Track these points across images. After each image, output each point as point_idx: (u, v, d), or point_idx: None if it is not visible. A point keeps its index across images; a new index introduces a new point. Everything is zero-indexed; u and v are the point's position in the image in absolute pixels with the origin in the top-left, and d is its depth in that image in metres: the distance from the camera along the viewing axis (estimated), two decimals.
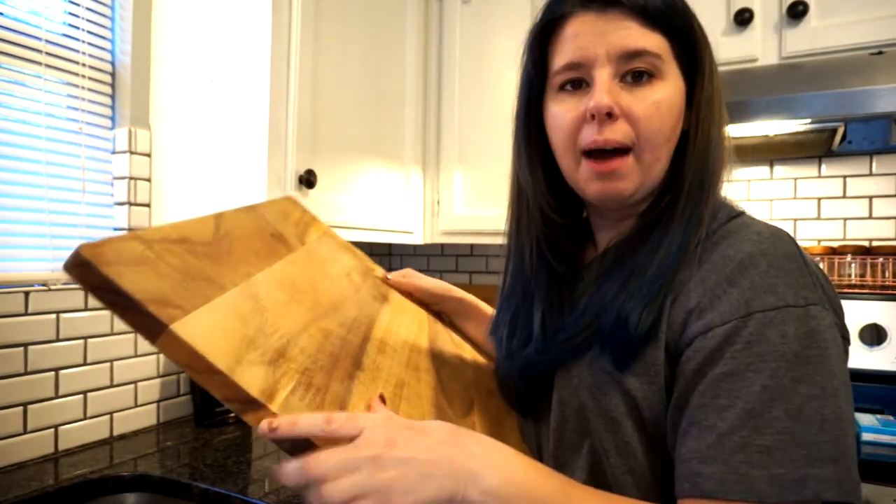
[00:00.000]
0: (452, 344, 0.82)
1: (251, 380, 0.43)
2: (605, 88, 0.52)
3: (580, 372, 0.55)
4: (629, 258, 0.54)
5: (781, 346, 0.44)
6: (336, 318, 0.61)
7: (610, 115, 0.52)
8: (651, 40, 0.52)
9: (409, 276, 0.85)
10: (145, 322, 0.40)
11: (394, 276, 0.85)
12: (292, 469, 0.42)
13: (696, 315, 0.47)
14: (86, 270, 0.40)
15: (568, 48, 0.54)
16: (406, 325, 0.75)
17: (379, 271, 0.87)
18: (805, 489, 0.41)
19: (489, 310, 0.84)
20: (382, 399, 0.51)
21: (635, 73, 0.52)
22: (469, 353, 0.83)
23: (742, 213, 0.54)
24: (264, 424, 0.41)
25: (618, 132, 0.52)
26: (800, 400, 0.43)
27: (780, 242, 0.48)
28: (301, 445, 0.43)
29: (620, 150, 0.53)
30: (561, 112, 0.55)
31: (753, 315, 0.45)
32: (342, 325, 0.61)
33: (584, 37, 0.53)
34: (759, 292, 0.45)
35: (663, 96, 0.52)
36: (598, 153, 0.53)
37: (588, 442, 0.54)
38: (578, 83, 0.54)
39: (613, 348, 0.51)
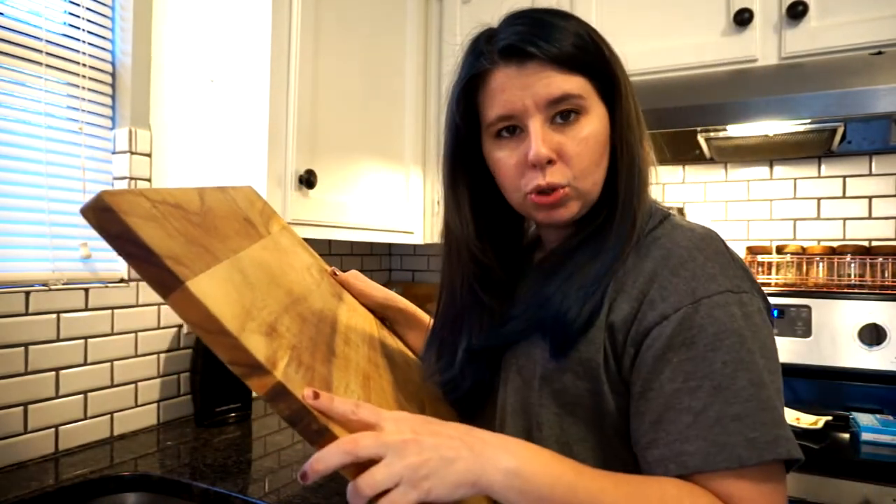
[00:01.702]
0: (398, 348, 0.82)
1: (256, 346, 0.43)
2: (539, 138, 0.57)
3: (520, 361, 0.62)
4: (569, 261, 0.60)
5: (731, 324, 0.50)
6: (307, 306, 0.62)
7: (550, 162, 0.58)
8: (570, 83, 0.57)
9: (357, 278, 0.88)
10: (160, 276, 0.40)
11: (342, 275, 0.88)
12: (330, 453, 0.43)
13: (649, 306, 0.53)
14: (107, 217, 0.40)
15: (497, 102, 0.59)
16: (360, 325, 0.76)
17: (331, 269, 0.88)
18: (778, 448, 0.47)
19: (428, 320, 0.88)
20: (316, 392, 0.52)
21: (563, 113, 0.58)
22: (413, 359, 0.83)
23: (670, 215, 0.62)
24: (309, 392, 0.43)
25: (557, 174, 0.58)
26: (758, 369, 0.49)
27: (710, 240, 0.55)
28: (299, 418, 0.44)
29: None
30: (504, 157, 0.61)
31: (701, 301, 0.51)
32: (313, 313, 0.62)
33: (510, 91, 0.58)
34: (701, 281, 0.52)
35: (591, 131, 0.58)
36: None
37: (523, 419, 0.61)
38: (513, 129, 0.60)
39: (553, 339, 0.57)
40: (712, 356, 0.49)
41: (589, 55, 0.58)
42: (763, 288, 0.57)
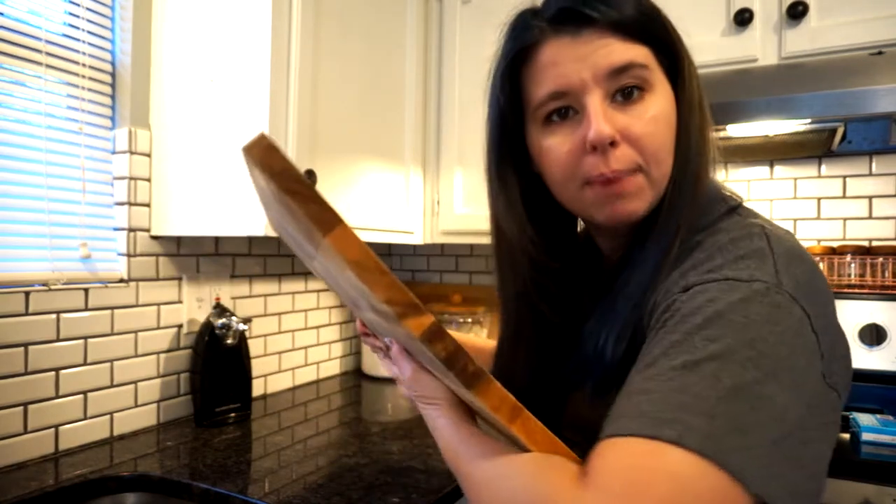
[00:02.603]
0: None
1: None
2: (600, 116, 0.49)
3: (577, 401, 0.57)
4: (616, 281, 0.53)
5: (705, 308, 0.42)
6: None
7: (613, 144, 0.49)
8: (634, 52, 0.49)
9: None
10: (322, 214, 0.40)
11: None
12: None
13: (662, 303, 0.46)
14: (272, 154, 0.40)
15: (548, 77, 0.51)
16: None
17: None
18: (662, 428, 0.38)
19: (483, 343, 0.88)
20: None
21: (625, 90, 0.50)
22: None
23: (735, 207, 0.52)
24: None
25: (623, 160, 0.49)
26: (698, 355, 0.41)
27: (747, 238, 0.47)
28: (457, 359, 0.43)
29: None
30: (555, 145, 0.52)
31: (692, 287, 0.44)
32: None
33: (563, 64, 0.50)
34: (708, 270, 0.45)
35: (659, 109, 0.50)
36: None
37: (580, 451, 0.55)
38: (565, 112, 0.51)
39: (594, 379, 0.51)
40: (665, 337, 0.43)
41: (654, 23, 0.51)
42: None
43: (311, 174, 1.23)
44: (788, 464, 0.39)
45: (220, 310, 1.36)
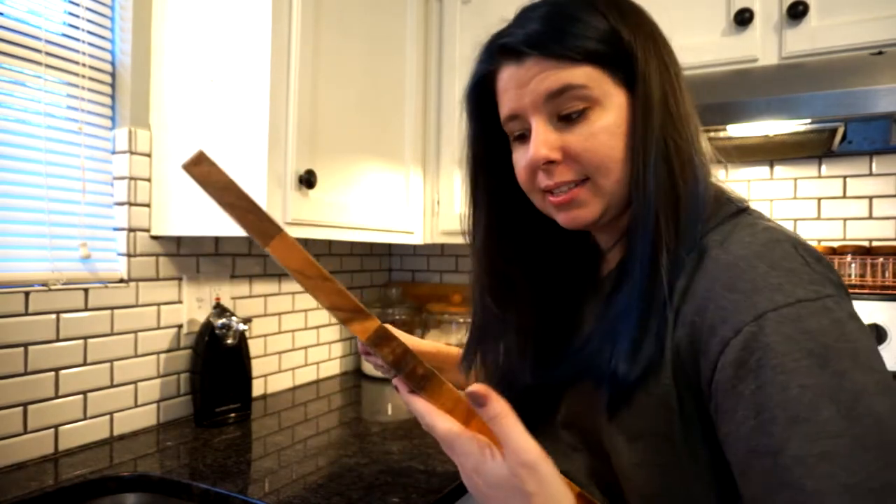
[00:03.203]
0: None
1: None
2: (539, 139, 0.53)
3: (579, 397, 0.57)
4: (616, 292, 0.53)
5: (807, 340, 0.40)
6: None
7: (551, 162, 0.53)
8: (572, 74, 0.52)
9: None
10: (261, 225, 0.43)
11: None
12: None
13: (710, 333, 0.44)
14: (212, 170, 0.44)
15: (504, 101, 0.56)
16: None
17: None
18: (887, 498, 0.35)
19: (447, 350, 0.93)
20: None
21: (568, 109, 0.53)
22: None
23: (740, 212, 0.52)
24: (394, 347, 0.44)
25: (566, 173, 0.54)
26: (851, 393, 0.38)
27: (774, 244, 0.46)
28: (406, 362, 0.45)
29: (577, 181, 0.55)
30: (518, 160, 0.58)
31: (766, 315, 0.41)
32: None
33: (510, 90, 0.55)
34: (764, 294, 0.42)
35: (602, 125, 0.52)
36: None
37: (586, 455, 0.56)
38: (523, 134, 0.57)
39: (610, 393, 0.50)
40: (784, 380, 0.39)
41: (593, 39, 0.52)
42: None
43: (311, 174, 1.23)
44: None
45: (220, 310, 1.36)
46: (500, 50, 0.56)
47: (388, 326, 0.45)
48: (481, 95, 0.60)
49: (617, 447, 0.51)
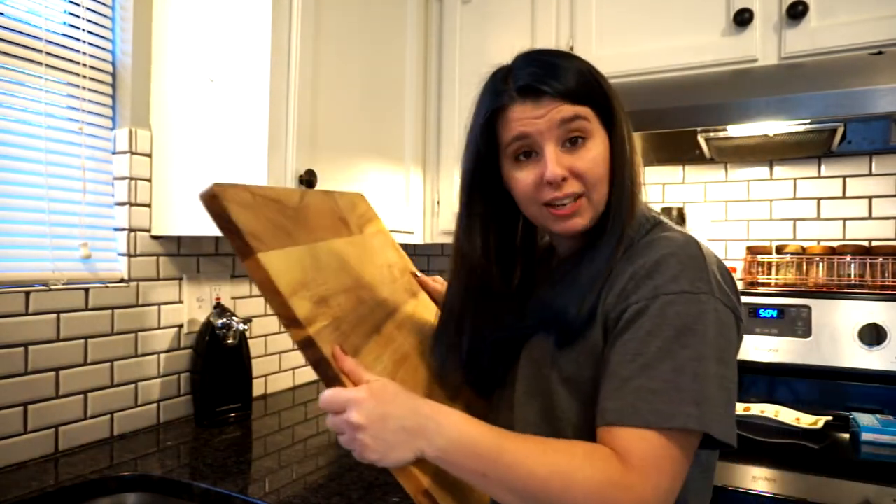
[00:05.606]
0: None
1: (299, 307, 0.57)
2: (554, 160, 0.67)
3: (533, 352, 0.72)
4: (571, 271, 0.71)
5: (675, 319, 0.60)
6: (371, 293, 0.76)
7: (563, 179, 0.68)
8: (578, 110, 0.68)
9: (435, 280, 1.03)
10: (241, 246, 0.55)
11: (422, 276, 1.03)
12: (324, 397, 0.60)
13: (622, 298, 0.64)
14: (214, 201, 0.55)
15: (514, 127, 0.69)
16: (422, 318, 0.87)
17: (415, 270, 1.03)
18: (674, 420, 0.57)
19: None
20: (343, 350, 0.62)
21: (572, 138, 0.68)
22: None
23: (661, 222, 0.71)
24: (338, 349, 0.60)
25: (571, 188, 0.68)
26: (681, 360, 0.58)
27: (686, 246, 0.64)
28: (319, 366, 0.58)
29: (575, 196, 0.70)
30: (522, 177, 0.71)
31: (658, 297, 0.61)
32: (374, 300, 0.76)
33: (525, 119, 0.68)
34: (665, 282, 0.62)
35: (597, 152, 0.69)
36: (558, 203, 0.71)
37: (539, 400, 0.70)
38: (529, 153, 0.70)
39: (557, 333, 0.68)
40: (650, 340, 0.60)
41: (591, 89, 0.69)
42: (763, 288, 0.63)
43: (311, 174, 1.23)
44: (731, 407, 0.61)
45: (220, 310, 1.36)
46: (521, 90, 0.68)
47: (319, 337, 0.58)
48: (490, 123, 0.73)
49: (558, 390, 0.68)
